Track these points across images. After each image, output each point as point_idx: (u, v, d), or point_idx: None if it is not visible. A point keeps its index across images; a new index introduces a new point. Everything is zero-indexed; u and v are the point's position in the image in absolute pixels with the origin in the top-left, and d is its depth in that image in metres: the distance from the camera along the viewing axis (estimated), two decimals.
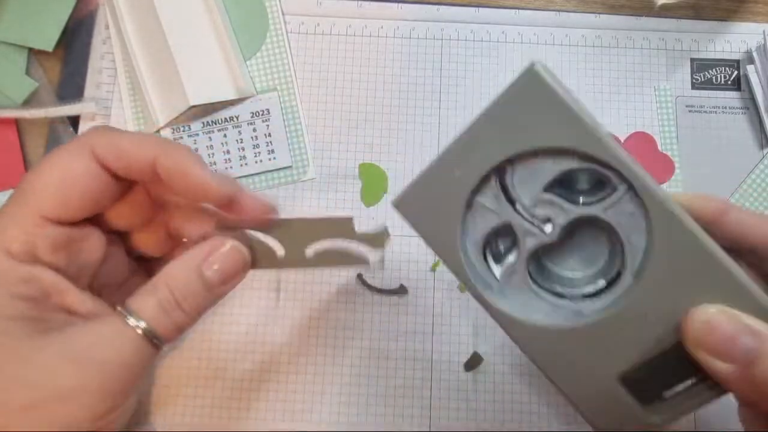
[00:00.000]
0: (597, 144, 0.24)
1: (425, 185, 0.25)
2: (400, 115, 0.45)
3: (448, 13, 0.47)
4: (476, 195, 0.26)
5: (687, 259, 0.23)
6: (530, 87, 0.24)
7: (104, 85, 0.45)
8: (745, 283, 0.22)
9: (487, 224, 0.26)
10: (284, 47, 0.46)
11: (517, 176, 0.25)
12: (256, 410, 0.40)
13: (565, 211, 0.25)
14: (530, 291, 0.26)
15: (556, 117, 0.24)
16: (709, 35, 0.47)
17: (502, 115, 0.24)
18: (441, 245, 0.25)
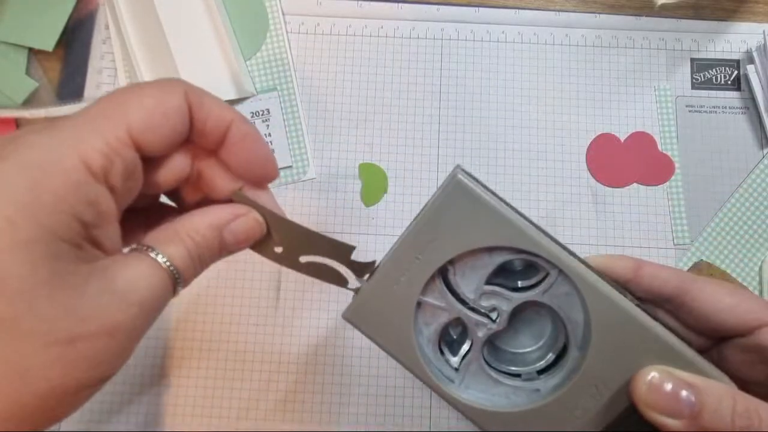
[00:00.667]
0: (523, 237, 0.26)
1: (374, 295, 0.27)
2: (400, 115, 0.45)
3: (448, 13, 0.47)
4: (424, 295, 0.27)
5: (620, 329, 0.25)
6: (456, 193, 0.26)
7: (104, 85, 0.45)
8: (673, 343, 0.25)
9: (438, 321, 0.27)
10: (284, 47, 0.46)
11: (459, 273, 0.27)
12: (255, 410, 0.40)
13: (508, 299, 0.27)
14: (489, 377, 0.27)
15: (486, 219, 0.26)
16: (709, 35, 0.47)
17: (434, 221, 0.26)
18: (398, 350, 0.27)
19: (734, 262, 0.43)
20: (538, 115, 0.45)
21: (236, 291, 0.42)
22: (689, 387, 0.23)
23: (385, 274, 0.27)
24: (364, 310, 0.27)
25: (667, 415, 0.23)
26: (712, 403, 0.23)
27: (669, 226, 0.43)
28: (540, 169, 0.44)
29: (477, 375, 0.28)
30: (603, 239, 0.43)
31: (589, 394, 0.26)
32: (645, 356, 0.25)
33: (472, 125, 0.45)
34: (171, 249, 0.23)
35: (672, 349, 0.25)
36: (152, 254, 0.23)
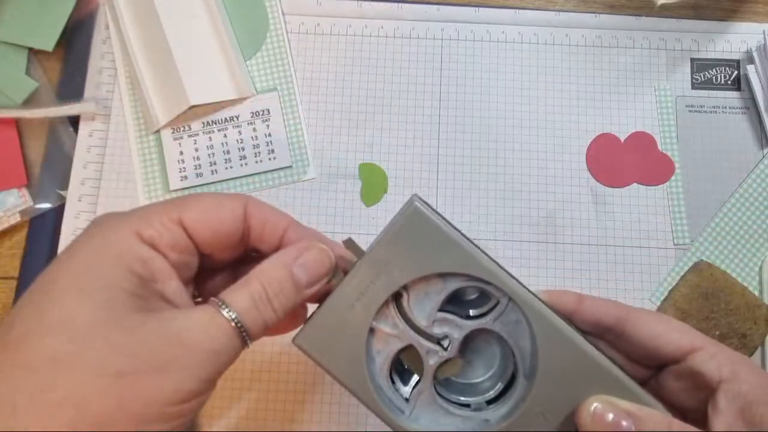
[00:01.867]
0: (475, 265, 0.27)
1: (326, 321, 0.27)
2: (400, 115, 0.45)
3: (448, 13, 0.47)
4: (377, 322, 0.27)
5: (567, 359, 0.26)
6: (412, 221, 0.27)
7: (104, 85, 0.45)
8: (618, 375, 0.26)
9: (391, 349, 0.27)
10: (284, 47, 0.46)
11: (412, 300, 0.27)
12: (255, 410, 0.40)
13: (459, 326, 0.27)
14: (439, 407, 0.27)
15: (441, 246, 0.26)
16: (709, 35, 0.47)
17: (389, 247, 0.27)
18: (348, 378, 0.27)
19: (734, 262, 0.43)
20: (538, 115, 0.45)
21: None
22: (629, 416, 0.25)
23: (338, 299, 0.27)
24: (316, 335, 0.27)
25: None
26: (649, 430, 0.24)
27: (669, 226, 0.43)
28: (540, 169, 0.44)
29: (427, 405, 0.28)
30: (603, 239, 0.43)
31: (536, 423, 0.26)
32: (589, 385, 0.26)
33: (472, 125, 0.45)
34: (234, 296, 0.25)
35: (614, 378, 0.26)
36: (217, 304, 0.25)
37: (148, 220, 0.25)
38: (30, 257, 0.42)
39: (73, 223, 0.43)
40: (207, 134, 0.44)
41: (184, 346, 0.23)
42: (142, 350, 0.23)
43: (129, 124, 0.44)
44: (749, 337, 0.40)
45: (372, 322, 0.27)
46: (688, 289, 0.41)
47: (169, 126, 0.44)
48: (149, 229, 0.25)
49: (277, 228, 0.28)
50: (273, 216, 0.28)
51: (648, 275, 0.43)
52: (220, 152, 0.44)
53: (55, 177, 0.43)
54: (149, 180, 0.43)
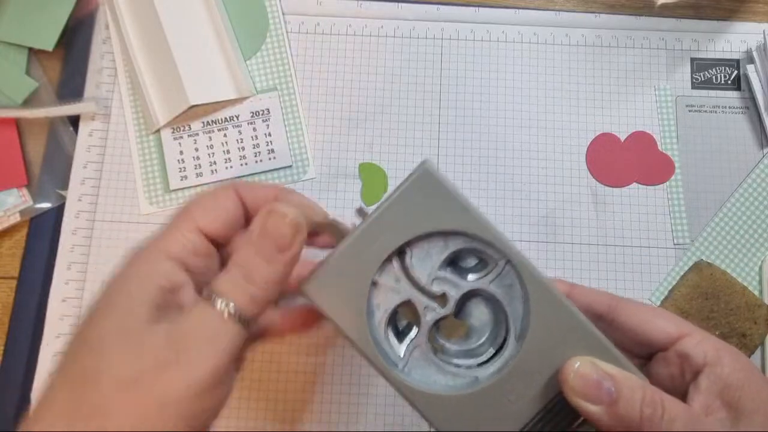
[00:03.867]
0: (478, 225, 0.28)
1: (333, 270, 0.28)
2: (400, 115, 0.45)
3: (448, 13, 0.47)
4: (380, 276, 0.29)
5: (557, 321, 0.28)
6: (423, 182, 0.28)
7: (104, 85, 0.45)
8: (602, 339, 0.28)
9: (390, 303, 0.29)
10: (284, 47, 0.46)
11: (415, 257, 0.29)
12: (255, 410, 0.40)
13: (457, 286, 0.29)
14: (432, 364, 0.29)
15: (446, 206, 0.28)
16: (709, 35, 0.47)
17: (399, 206, 0.28)
18: (349, 327, 0.28)
19: (734, 262, 0.43)
20: (538, 115, 0.45)
21: None
22: (610, 378, 0.26)
23: (345, 251, 0.28)
24: (321, 284, 0.28)
25: (590, 402, 0.26)
26: (627, 393, 0.26)
27: (669, 226, 0.43)
28: (540, 169, 0.44)
29: (420, 361, 0.29)
30: (603, 239, 0.43)
31: (523, 381, 0.27)
32: (575, 347, 0.27)
33: (472, 125, 0.45)
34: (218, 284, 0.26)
35: (599, 342, 0.28)
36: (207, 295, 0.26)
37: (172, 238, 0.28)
38: (30, 257, 0.42)
39: (73, 223, 0.43)
40: (207, 134, 0.44)
41: (184, 340, 0.25)
42: (150, 354, 0.24)
43: (129, 124, 0.44)
44: (749, 336, 0.40)
45: (375, 276, 0.28)
46: (688, 288, 0.41)
47: (169, 126, 0.44)
48: (174, 245, 0.27)
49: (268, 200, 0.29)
50: (261, 191, 0.30)
51: (648, 275, 0.43)
52: (220, 152, 0.44)
53: (55, 177, 0.43)
54: (149, 180, 0.43)
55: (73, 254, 0.42)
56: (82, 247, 0.42)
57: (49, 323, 0.41)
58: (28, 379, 0.40)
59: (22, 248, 0.42)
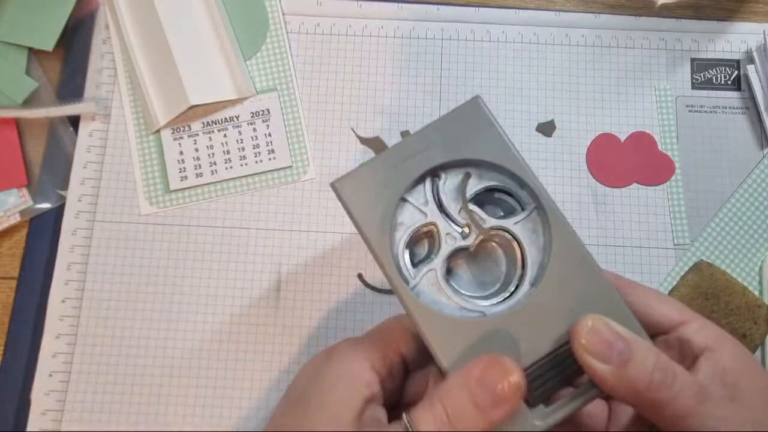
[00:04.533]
0: (515, 163, 0.29)
1: (367, 175, 0.29)
2: (400, 115, 0.45)
3: (448, 13, 0.47)
4: (410, 194, 0.29)
5: (576, 273, 0.28)
6: (471, 111, 0.29)
7: (104, 85, 0.45)
8: (619, 300, 0.27)
9: (414, 221, 0.29)
10: (284, 47, 0.46)
11: (448, 185, 0.29)
12: (256, 409, 0.40)
13: (483, 220, 0.29)
14: (441, 292, 0.29)
15: (488, 139, 0.29)
16: (709, 35, 0.47)
17: (445, 130, 0.29)
18: (370, 231, 0.28)
19: (734, 262, 0.43)
20: (538, 115, 0.45)
21: (236, 291, 0.42)
22: (623, 339, 0.26)
23: (382, 161, 0.29)
24: (353, 185, 0.29)
25: (599, 360, 0.25)
26: (639, 356, 0.25)
27: (669, 226, 0.43)
28: (540, 169, 0.44)
29: (430, 286, 0.29)
30: (603, 239, 0.43)
31: (530, 325, 0.27)
32: (591, 303, 0.27)
33: None
34: (419, 416, 0.25)
35: (617, 303, 0.27)
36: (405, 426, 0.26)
37: (380, 352, 0.29)
38: (30, 257, 0.42)
39: (73, 223, 0.43)
40: (207, 134, 0.44)
41: None
42: None
43: (129, 124, 0.44)
44: (749, 337, 0.40)
45: (405, 192, 0.29)
46: (688, 289, 0.41)
47: (169, 126, 0.44)
48: (379, 361, 0.29)
49: None
50: None
51: (648, 275, 0.43)
52: (220, 152, 0.44)
53: (55, 177, 0.43)
54: (149, 180, 0.43)
55: (73, 254, 0.42)
56: (82, 248, 0.42)
57: (49, 323, 0.41)
58: (28, 379, 0.40)
59: (22, 248, 0.42)
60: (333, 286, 0.42)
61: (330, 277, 0.42)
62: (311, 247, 0.43)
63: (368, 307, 0.42)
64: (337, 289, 0.42)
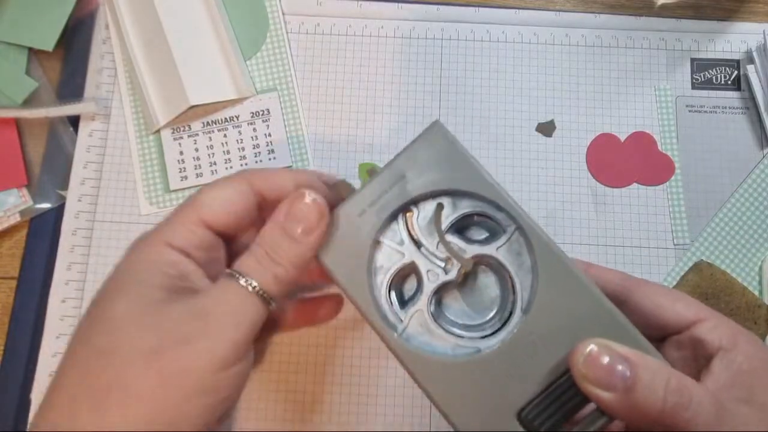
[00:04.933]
0: (487, 187, 0.27)
1: (335, 226, 0.28)
2: (400, 115, 0.45)
3: (448, 13, 0.47)
4: (384, 236, 0.28)
5: (567, 293, 0.26)
6: (432, 140, 0.28)
7: (104, 85, 0.45)
8: (617, 315, 0.25)
9: (393, 263, 0.28)
10: (284, 47, 0.46)
11: (421, 219, 0.28)
12: (256, 410, 0.40)
13: (463, 250, 0.28)
14: (432, 332, 0.27)
15: (455, 165, 0.27)
16: (709, 35, 0.47)
17: (409, 162, 0.28)
18: (349, 283, 0.27)
19: (734, 262, 0.43)
20: (538, 115, 0.45)
21: None
22: (625, 361, 0.24)
23: (349, 207, 0.28)
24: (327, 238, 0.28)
25: (603, 388, 0.23)
26: (646, 378, 0.23)
27: (669, 226, 0.43)
28: (540, 169, 0.44)
29: (420, 327, 0.27)
30: (603, 239, 0.43)
31: (526, 354, 0.26)
32: (587, 324, 0.25)
33: (472, 125, 0.45)
34: (242, 264, 0.27)
35: (614, 318, 0.25)
36: (229, 274, 0.27)
37: (175, 229, 0.28)
38: (30, 257, 0.42)
39: (73, 223, 0.43)
40: (207, 134, 0.44)
41: (207, 315, 0.25)
42: (171, 327, 0.24)
43: (129, 124, 0.44)
44: None
45: (379, 236, 0.28)
46: (688, 289, 0.41)
47: (169, 126, 0.44)
48: (177, 238, 0.27)
49: (287, 190, 0.29)
50: (277, 180, 0.30)
51: (648, 275, 0.43)
52: (220, 152, 0.44)
53: (55, 177, 0.43)
54: (149, 180, 0.43)
55: (73, 254, 0.42)
56: (82, 248, 0.42)
57: (49, 323, 0.41)
58: (28, 379, 0.40)
59: (22, 248, 0.42)
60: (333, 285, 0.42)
61: None
62: None
63: None
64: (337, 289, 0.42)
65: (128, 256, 0.28)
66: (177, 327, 0.25)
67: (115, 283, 0.27)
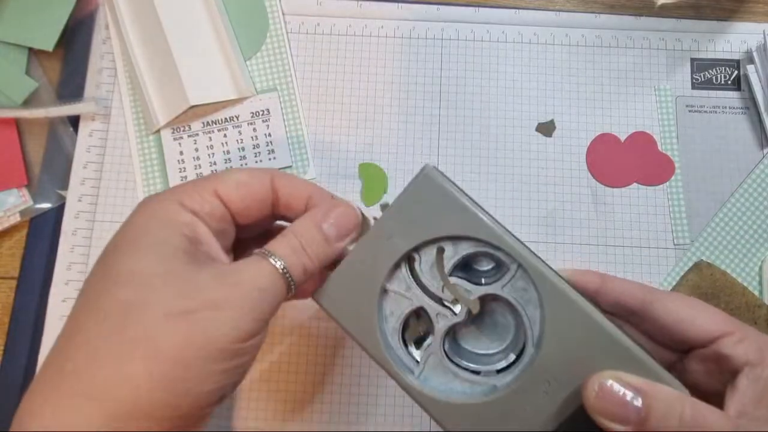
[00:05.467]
0: (482, 228, 0.27)
1: (342, 279, 0.29)
2: (400, 115, 0.45)
3: (448, 13, 0.47)
4: (390, 283, 0.29)
5: (576, 327, 0.26)
6: (423, 186, 0.28)
7: (104, 85, 0.45)
8: (629, 346, 0.25)
9: (401, 309, 0.28)
10: (284, 47, 0.46)
11: (424, 263, 0.28)
12: (255, 410, 0.40)
13: (469, 291, 0.28)
14: (448, 371, 0.28)
15: (449, 209, 0.27)
16: (709, 35, 0.47)
17: (400, 213, 0.28)
18: (360, 334, 0.28)
19: (734, 262, 0.43)
20: (538, 115, 0.45)
21: None
22: (638, 391, 0.23)
23: (353, 259, 0.29)
24: (332, 292, 0.29)
25: (617, 422, 0.23)
26: (660, 408, 0.23)
27: (669, 226, 0.43)
28: (540, 169, 0.44)
29: (436, 368, 0.28)
30: (603, 239, 0.43)
31: (541, 391, 0.26)
32: (599, 356, 0.25)
33: (472, 125, 0.45)
34: (275, 246, 0.28)
35: (626, 350, 0.25)
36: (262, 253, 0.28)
37: (189, 193, 0.28)
38: (30, 257, 0.42)
39: (73, 223, 0.43)
40: (207, 134, 0.44)
41: (238, 286, 0.26)
42: (201, 293, 0.25)
43: (129, 124, 0.44)
44: None
45: (385, 284, 0.28)
46: (688, 289, 0.41)
47: (169, 126, 0.44)
48: (190, 200, 0.28)
49: (302, 196, 0.31)
50: (298, 185, 0.31)
51: (648, 275, 0.43)
52: (220, 152, 0.44)
53: (55, 177, 0.43)
54: (149, 180, 0.43)
55: (73, 255, 0.42)
56: (82, 248, 0.42)
57: (49, 323, 0.41)
58: (28, 379, 0.40)
59: (22, 248, 0.42)
60: None
61: None
62: None
63: None
64: None
65: (139, 212, 0.28)
66: (207, 292, 0.25)
67: (131, 239, 0.27)
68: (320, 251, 0.29)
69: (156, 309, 0.24)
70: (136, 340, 0.24)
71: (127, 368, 0.23)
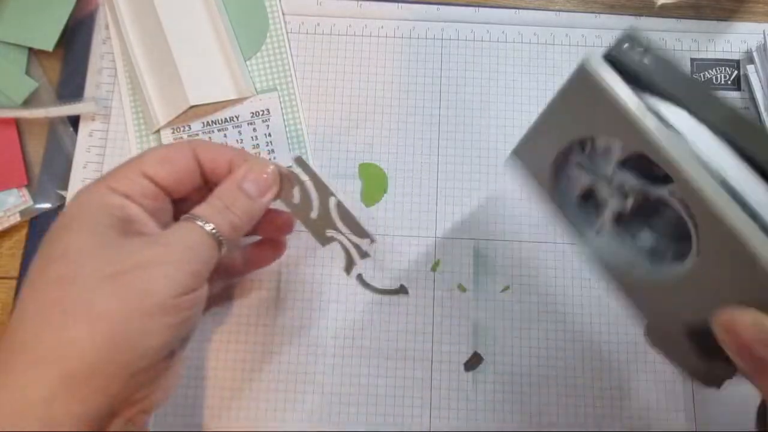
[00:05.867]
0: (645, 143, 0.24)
1: (528, 141, 0.31)
2: (400, 115, 0.45)
3: (448, 13, 0.47)
4: (568, 159, 0.30)
5: (731, 256, 0.23)
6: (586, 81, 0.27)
7: (104, 85, 0.45)
8: None
9: (580, 181, 0.30)
10: (284, 47, 0.46)
11: (601, 146, 0.29)
12: (255, 410, 0.40)
13: (634, 189, 0.28)
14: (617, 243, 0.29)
15: (611, 114, 0.25)
16: (709, 35, 0.47)
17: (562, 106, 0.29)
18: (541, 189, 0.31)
19: None
20: None
21: (235, 291, 0.42)
22: None
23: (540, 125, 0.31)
24: (523, 150, 0.32)
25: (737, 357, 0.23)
26: None
27: None
28: None
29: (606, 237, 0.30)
30: None
31: (696, 290, 0.25)
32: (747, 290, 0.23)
33: (472, 125, 0.45)
34: (200, 210, 0.30)
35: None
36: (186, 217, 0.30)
37: (116, 177, 0.30)
38: (30, 257, 0.42)
39: None
40: (207, 134, 0.44)
41: (167, 246, 0.28)
42: (132, 256, 0.27)
43: (129, 124, 0.44)
44: None
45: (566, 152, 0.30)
46: None
47: (169, 126, 0.44)
48: (118, 184, 0.30)
49: (224, 161, 0.32)
50: (219, 151, 0.33)
51: None
52: None
53: (55, 177, 0.43)
54: None
55: None
56: None
57: None
58: None
59: (22, 248, 0.42)
60: (333, 286, 0.42)
61: (330, 277, 0.42)
62: (311, 247, 0.43)
63: (368, 307, 0.42)
64: (336, 289, 0.42)
65: (73, 201, 0.30)
66: (135, 255, 0.27)
67: (65, 224, 0.28)
68: (246, 208, 0.31)
69: (89, 276, 0.26)
70: (74, 306, 0.25)
71: (71, 332, 0.25)
